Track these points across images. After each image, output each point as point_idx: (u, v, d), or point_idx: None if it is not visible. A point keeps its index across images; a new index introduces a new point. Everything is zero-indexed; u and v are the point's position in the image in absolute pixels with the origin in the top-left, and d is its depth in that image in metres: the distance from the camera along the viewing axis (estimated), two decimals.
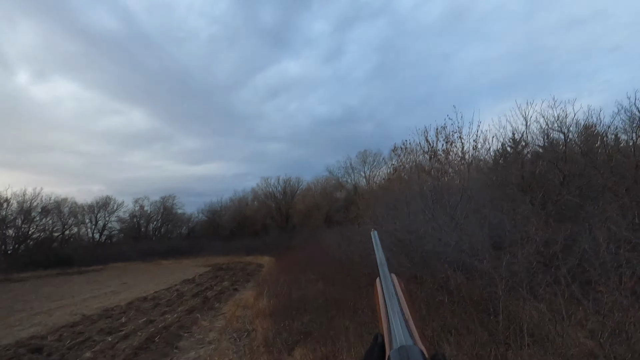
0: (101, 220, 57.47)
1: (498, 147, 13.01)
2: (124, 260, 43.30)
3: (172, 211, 63.86)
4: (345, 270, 12.10)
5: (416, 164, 16.02)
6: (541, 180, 8.25)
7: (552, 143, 9.15)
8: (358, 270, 10.40)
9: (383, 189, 19.34)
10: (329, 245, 19.79)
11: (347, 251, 13.88)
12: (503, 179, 8.83)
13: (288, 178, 57.74)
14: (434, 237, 7.39)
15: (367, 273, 9.25)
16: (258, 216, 58.99)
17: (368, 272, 9.35)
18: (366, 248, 11.51)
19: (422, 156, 16.97)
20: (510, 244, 7.03)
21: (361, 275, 9.45)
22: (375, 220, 10.76)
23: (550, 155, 8.80)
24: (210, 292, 16.20)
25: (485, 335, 5.59)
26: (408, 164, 18.08)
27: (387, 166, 43.51)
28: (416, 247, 7.69)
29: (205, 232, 61.65)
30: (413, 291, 6.67)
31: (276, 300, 10.83)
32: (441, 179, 12.91)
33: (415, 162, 16.39)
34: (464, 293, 6.16)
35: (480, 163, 13.26)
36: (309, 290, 12.03)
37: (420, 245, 7.71)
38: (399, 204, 10.45)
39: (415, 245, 7.74)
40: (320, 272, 15.52)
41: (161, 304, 13.94)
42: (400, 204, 10.73)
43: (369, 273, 9.36)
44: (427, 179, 14.67)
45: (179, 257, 44.77)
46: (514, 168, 8.79)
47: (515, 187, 8.70)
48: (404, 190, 13.93)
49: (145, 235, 60.64)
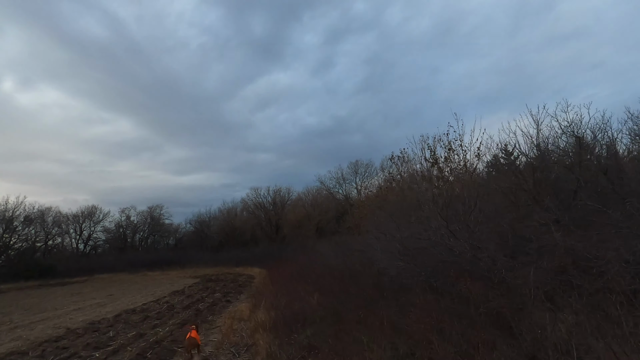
0: (86, 230, 56.20)
1: (501, 153, 12.72)
2: (109, 272, 42.19)
3: (160, 221, 62.65)
4: (344, 281, 11.61)
5: (419, 172, 15.71)
6: (557, 186, 7.95)
7: (565, 148, 8.89)
8: (362, 280, 9.93)
9: (381, 198, 18.99)
10: (323, 255, 19.26)
11: (345, 261, 13.39)
12: (515, 185, 8.50)
13: (278, 188, 57.13)
14: (446, 245, 6.99)
15: (372, 283, 8.81)
16: (247, 227, 58.06)
17: (373, 282, 8.91)
18: (369, 257, 11.08)
19: (421, 164, 16.71)
20: (529, 253, 6.66)
21: (366, 286, 8.99)
22: (378, 228, 10.33)
23: (563, 161, 8.54)
24: (202, 304, 15.54)
25: (511, 353, 5.17)
26: (405, 172, 17.81)
27: (378, 177, 43.41)
28: (428, 256, 7.27)
29: (193, 242, 60.51)
30: (430, 303, 6.25)
31: (274, 313, 10.29)
32: (445, 186, 12.60)
33: (415, 170, 16.11)
34: (484, 305, 5.75)
35: (483, 170, 12.98)
36: (307, 302, 11.51)
37: (431, 254, 7.29)
38: (403, 212, 10.05)
39: (426, 254, 7.32)
40: (317, 283, 15.00)
41: (151, 317, 13.25)
42: (404, 212, 10.33)
43: (375, 283, 8.92)
44: (428, 187, 14.36)
45: (166, 268, 43.67)
46: (526, 173, 8.48)
47: (526, 194, 8.36)
48: (406, 198, 13.57)
49: (131, 246, 59.30)
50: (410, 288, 7.22)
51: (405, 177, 17.55)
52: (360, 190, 46.65)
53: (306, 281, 16.04)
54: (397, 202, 13.26)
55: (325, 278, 14.33)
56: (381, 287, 8.30)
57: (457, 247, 6.71)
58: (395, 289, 7.64)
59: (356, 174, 46.83)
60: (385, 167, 41.34)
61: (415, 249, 7.75)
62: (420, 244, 7.60)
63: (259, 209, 57.43)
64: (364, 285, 9.32)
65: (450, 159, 12.82)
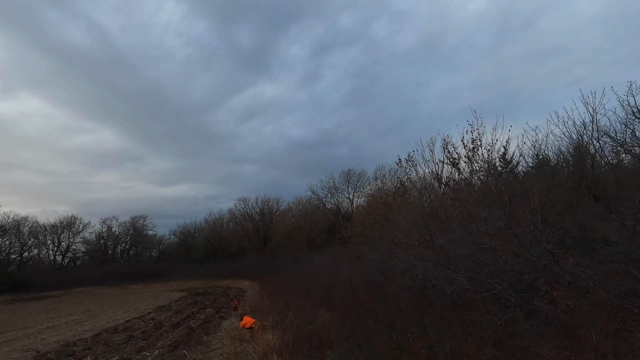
0: (65, 241, 53.36)
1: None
2: (89, 285, 39.80)
3: (143, 232, 60.17)
4: (360, 295, 10.19)
5: (433, 174, 14.48)
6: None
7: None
8: (388, 294, 8.53)
9: (387, 205, 17.70)
10: (325, 267, 17.78)
11: (358, 272, 11.96)
12: (574, 182, 7.27)
13: (267, 198, 55.32)
14: (510, 251, 5.67)
15: (408, 298, 7.41)
16: (234, 238, 56.07)
17: (409, 297, 7.51)
18: (393, 267, 9.70)
19: (433, 167, 15.49)
20: (614, 260, 5.39)
21: (398, 301, 7.58)
22: (408, 235, 8.97)
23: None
24: (193, 322, 13.87)
25: None
26: (415, 175, 16.57)
27: (371, 186, 42.28)
28: (483, 265, 5.93)
29: (177, 254, 58.24)
30: (513, 323, 4.90)
31: (282, 332, 8.80)
32: (470, 188, 11.37)
33: (431, 172, 14.88)
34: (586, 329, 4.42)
35: (510, 170, 11.79)
36: (317, 318, 10.07)
37: (488, 264, 5.96)
38: (438, 216, 8.73)
39: (481, 263, 5.99)
40: (321, 297, 13.56)
41: (136, 337, 11.58)
42: (432, 216, 9.01)
43: (413, 299, 7.51)
44: (447, 189, 13.10)
45: (149, 281, 41.56)
46: (580, 167, 7.29)
47: (586, 191, 7.14)
48: (424, 201, 12.30)
49: (112, 258, 56.73)
50: (468, 304, 5.87)
51: (414, 180, 16.33)
52: (352, 199, 45.48)
53: (307, 294, 14.60)
54: (415, 207, 11.95)
55: (333, 292, 12.91)
56: (422, 303, 6.93)
57: (526, 254, 5.40)
58: (446, 304, 6.29)
59: (348, 183, 45.57)
60: (378, 177, 40.52)
61: (458, 257, 6.42)
62: (469, 250, 6.27)
63: (247, 220, 55.51)
64: (392, 299, 7.93)
65: (475, 158, 11.61)
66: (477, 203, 7.24)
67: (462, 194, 9.34)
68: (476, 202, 7.35)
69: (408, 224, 9.33)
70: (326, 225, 46.38)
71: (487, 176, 11.24)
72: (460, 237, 6.78)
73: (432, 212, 9.41)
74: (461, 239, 6.77)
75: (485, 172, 11.79)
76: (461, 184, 12.08)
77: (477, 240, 6.04)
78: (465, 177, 11.87)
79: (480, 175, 11.74)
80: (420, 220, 8.35)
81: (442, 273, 6.56)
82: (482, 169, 11.40)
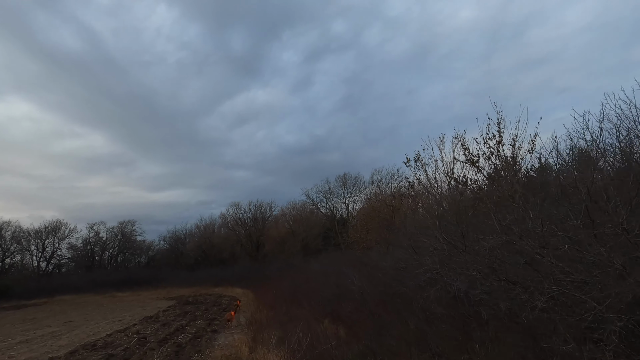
0: (49, 247, 51.14)
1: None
2: (74, 292, 37.92)
3: (131, 238, 58.13)
4: (376, 309, 8.88)
5: (447, 174, 13.28)
6: None
7: None
8: (411, 307, 7.22)
9: (391, 208, 16.46)
10: (326, 274, 16.44)
11: (370, 281, 10.63)
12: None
13: (260, 203, 53.69)
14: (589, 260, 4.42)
15: (445, 314, 6.10)
16: (226, 244, 54.46)
17: (444, 313, 6.20)
18: (410, 276, 8.40)
19: (445, 166, 14.30)
20: None
21: (433, 316, 6.27)
22: (433, 239, 7.68)
23: None
24: (182, 336, 12.40)
25: None
26: (422, 175, 15.36)
27: (367, 190, 41.07)
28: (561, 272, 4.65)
29: (167, 261, 56.42)
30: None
31: (289, 353, 7.46)
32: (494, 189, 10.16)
33: (448, 169, 13.68)
34: None
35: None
36: (326, 334, 8.76)
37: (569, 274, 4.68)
38: (478, 217, 7.45)
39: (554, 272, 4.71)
40: (326, 308, 12.24)
41: (116, 356, 10.10)
42: (459, 219, 7.76)
43: (448, 315, 6.19)
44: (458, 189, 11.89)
45: (136, 288, 39.84)
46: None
47: None
48: (440, 203, 11.06)
49: (99, 265, 54.65)
50: (534, 325, 4.58)
51: (424, 180, 15.10)
52: (348, 204, 44.20)
53: (308, 304, 13.29)
54: (432, 208, 10.71)
55: (339, 302, 11.59)
56: (464, 322, 5.64)
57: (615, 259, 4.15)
58: (503, 326, 4.99)
59: (344, 187, 44.23)
60: (375, 181, 39.32)
61: (524, 264, 5.15)
62: (528, 257, 5.01)
63: (239, 225, 53.89)
64: (420, 315, 6.64)
65: (501, 155, 10.39)
66: (519, 202, 5.99)
67: (498, 191, 8.09)
68: (519, 201, 6.10)
69: (432, 227, 8.07)
70: (321, 230, 45.02)
71: (513, 172, 10.05)
72: (510, 239, 5.51)
73: (458, 213, 8.14)
74: (509, 243, 5.51)
75: (511, 168, 10.60)
76: (483, 182, 10.88)
77: (543, 243, 4.77)
78: (489, 174, 10.64)
79: (509, 171, 10.53)
80: (450, 222, 7.10)
81: (494, 285, 5.29)
82: (510, 164, 10.19)
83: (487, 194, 8.96)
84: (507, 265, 5.25)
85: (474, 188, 11.35)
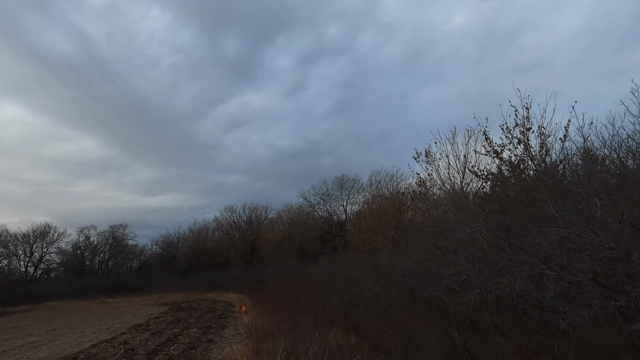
0: (37, 251, 49.37)
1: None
2: (62, 298, 36.46)
3: (123, 242, 56.42)
4: (397, 315, 7.78)
5: (461, 168, 12.27)
6: None
7: None
8: (449, 317, 6.12)
9: (404, 203, 15.40)
10: (331, 277, 15.30)
11: (388, 285, 9.48)
12: None
13: (255, 206, 52.37)
14: None
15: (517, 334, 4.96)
16: (220, 248, 53.08)
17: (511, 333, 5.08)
18: (437, 279, 7.30)
19: (458, 161, 13.33)
20: None
21: (493, 330, 5.15)
22: (469, 237, 6.59)
23: None
24: (175, 347, 11.17)
25: None
26: (433, 170, 14.35)
27: (365, 193, 40.07)
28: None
29: (159, 265, 54.79)
30: None
31: None
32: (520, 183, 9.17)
33: (460, 165, 12.67)
34: None
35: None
36: (338, 344, 7.66)
37: None
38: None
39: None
40: (334, 314, 11.13)
41: None
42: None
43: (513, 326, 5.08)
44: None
45: (127, 294, 38.40)
46: None
47: None
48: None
49: (90, 270, 52.90)
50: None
51: (434, 177, 14.08)
52: (346, 206, 43.13)
53: (315, 311, 12.16)
54: (464, 204, 9.66)
55: (350, 310, 10.48)
56: (534, 333, 4.53)
57: None
58: (598, 340, 3.89)
59: (342, 189, 43.16)
60: (373, 182, 38.29)
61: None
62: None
63: (234, 229, 52.50)
64: (462, 325, 5.55)
65: (531, 144, 9.37)
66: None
67: (546, 178, 7.04)
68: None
69: (468, 221, 7.00)
70: (319, 233, 43.89)
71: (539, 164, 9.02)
72: (579, 232, 4.45)
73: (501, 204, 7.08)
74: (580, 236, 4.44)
75: (539, 159, 9.58)
76: (509, 173, 9.84)
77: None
78: (517, 164, 9.60)
79: (539, 161, 9.52)
80: (495, 219, 6.03)
81: (573, 288, 4.22)
82: (543, 153, 9.18)
83: (530, 185, 7.92)
84: (584, 264, 4.17)
85: (498, 180, 10.34)
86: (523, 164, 9.75)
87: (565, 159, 8.24)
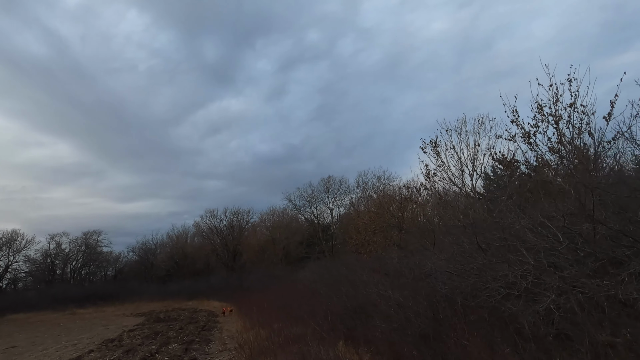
0: (3, 260, 46.14)
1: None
2: (28, 310, 33.76)
3: (97, 249, 53.39)
4: (434, 333, 6.26)
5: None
6: None
7: None
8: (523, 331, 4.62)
9: (410, 200, 13.95)
10: (329, 283, 13.71)
11: (412, 292, 7.94)
12: None
13: (237, 210, 50.16)
14: None
15: None
16: (201, 254, 50.82)
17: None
18: (478, 284, 5.81)
19: (469, 152, 12.01)
20: None
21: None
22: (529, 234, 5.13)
23: None
24: None
25: None
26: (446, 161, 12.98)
27: (352, 195, 38.73)
28: None
29: (136, 273, 52.28)
30: None
31: None
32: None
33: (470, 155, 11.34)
34: None
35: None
36: None
37: None
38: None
39: None
40: (338, 326, 9.57)
41: None
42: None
43: None
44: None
45: (100, 304, 35.99)
46: None
47: None
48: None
49: (61, 279, 49.84)
50: None
51: (445, 168, 12.73)
52: (332, 209, 41.61)
53: (313, 321, 10.60)
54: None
55: (358, 321, 8.95)
56: None
57: None
58: None
59: (328, 191, 41.62)
60: (360, 184, 36.95)
61: None
62: None
63: (214, 234, 50.21)
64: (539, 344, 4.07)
65: (573, 122, 8.02)
66: None
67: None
68: None
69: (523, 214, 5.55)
70: (305, 237, 42.23)
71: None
72: None
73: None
74: None
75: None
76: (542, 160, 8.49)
77: None
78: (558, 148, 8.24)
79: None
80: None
81: None
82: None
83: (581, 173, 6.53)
84: None
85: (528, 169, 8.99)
86: (565, 147, 8.41)
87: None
